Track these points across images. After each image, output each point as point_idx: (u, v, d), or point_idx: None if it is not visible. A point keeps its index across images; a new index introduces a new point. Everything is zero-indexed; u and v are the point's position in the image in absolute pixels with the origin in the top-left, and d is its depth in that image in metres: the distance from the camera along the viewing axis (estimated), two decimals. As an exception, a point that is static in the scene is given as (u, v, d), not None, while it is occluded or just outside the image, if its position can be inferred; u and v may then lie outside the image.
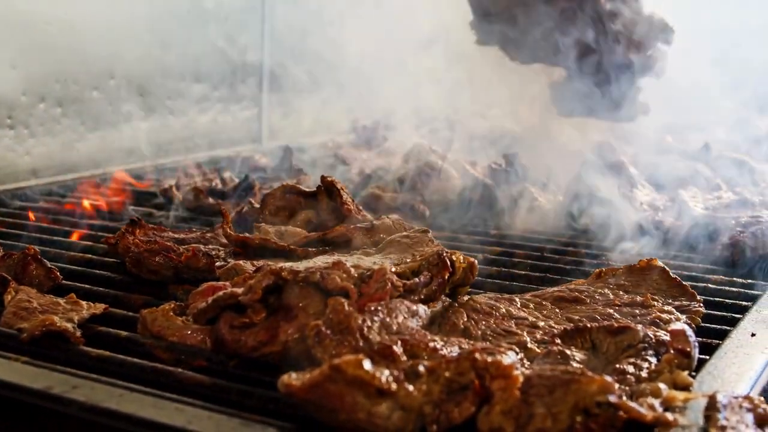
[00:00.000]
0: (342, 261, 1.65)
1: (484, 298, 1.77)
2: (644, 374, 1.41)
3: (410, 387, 1.27)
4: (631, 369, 1.43)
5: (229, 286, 1.69)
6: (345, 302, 1.47)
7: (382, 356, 1.32)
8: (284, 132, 4.76)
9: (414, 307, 1.58)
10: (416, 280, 1.69)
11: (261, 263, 1.89)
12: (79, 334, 1.64)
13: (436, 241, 1.94)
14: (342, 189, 2.31)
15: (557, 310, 1.76)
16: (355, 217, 2.23)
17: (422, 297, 1.67)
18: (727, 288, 2.15)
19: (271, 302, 1.58)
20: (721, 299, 2.04)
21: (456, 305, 1.71)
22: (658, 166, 3.20)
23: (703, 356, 1.59)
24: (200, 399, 1.40)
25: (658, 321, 1.67)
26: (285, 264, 1.73)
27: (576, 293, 1.83)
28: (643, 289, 1.87)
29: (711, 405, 1.29)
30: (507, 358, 1.34)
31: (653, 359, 1.45)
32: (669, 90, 3.46)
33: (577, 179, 2.85)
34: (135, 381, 1.46)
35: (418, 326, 1.54)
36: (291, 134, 4.62)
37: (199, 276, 1.96)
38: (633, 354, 1.47)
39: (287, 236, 2.14)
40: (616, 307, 1.76)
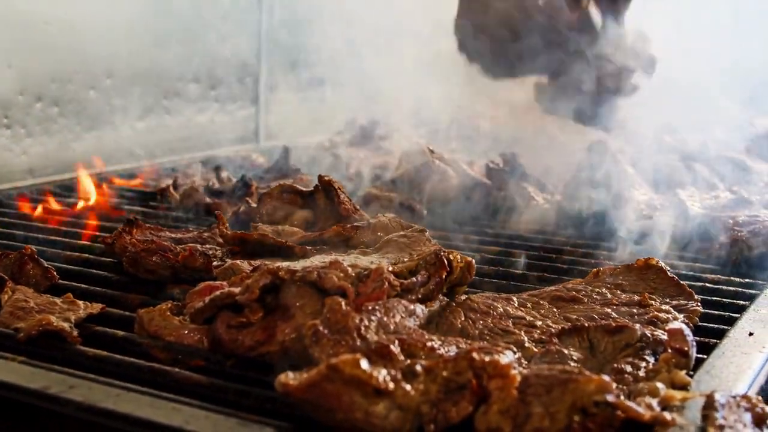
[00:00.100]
0: (339, 260, 1.65)
1: (481, 298, 1.77)
2: (642, 373, 1.41)
3: (407, 386, 1.27)
4: (629, 368, 1.43)
5: (226, 286, 1.68)
6: (342, 302, 1.47)
7: (380, 356, 1.32)
8: (282, 131, 4.75)
9: (411, 306, 1.58)
10: (413, 279, 1.69)
11: (258, 263, 1.88)
12: (76, 334, 1.64)
13: (433, 241, 1.94)
14: (339, 188, 2.30)
15: (555, 309, 1.76)
16: (353, 217, 2.23)
17: (420, 296, 1.67)
18: (725, 287, 2.15)
19: (269, 302, 1.58)
20: (719, 298, 2.04)
21: (453, 305, 1.71)
22: (656, 165, 3.20)
23: (700, 355, 1.58)
24: (197, 399, 1.40)
25: (656, 320, 1.67)
26: (282, 263, 1.73)
27: (573, 292, 1.83)
28: (640, 289, 1.87)
29: (709, 404, 1.28)
30: (504, 357, 1.34)
31: (651, 358, 1.45)
32: (669, 90, 3.46)
33: (575, 179, 2.85)
34: (132, 381, 1.45)
35: (415, 326, 1.54)
36: (288, 134, 4.62)
37: (197, 275, 1.96)
38: (631, 353, 1.47)
39: (284, 236, 2.14)
40: (614, 307, 1.76)
